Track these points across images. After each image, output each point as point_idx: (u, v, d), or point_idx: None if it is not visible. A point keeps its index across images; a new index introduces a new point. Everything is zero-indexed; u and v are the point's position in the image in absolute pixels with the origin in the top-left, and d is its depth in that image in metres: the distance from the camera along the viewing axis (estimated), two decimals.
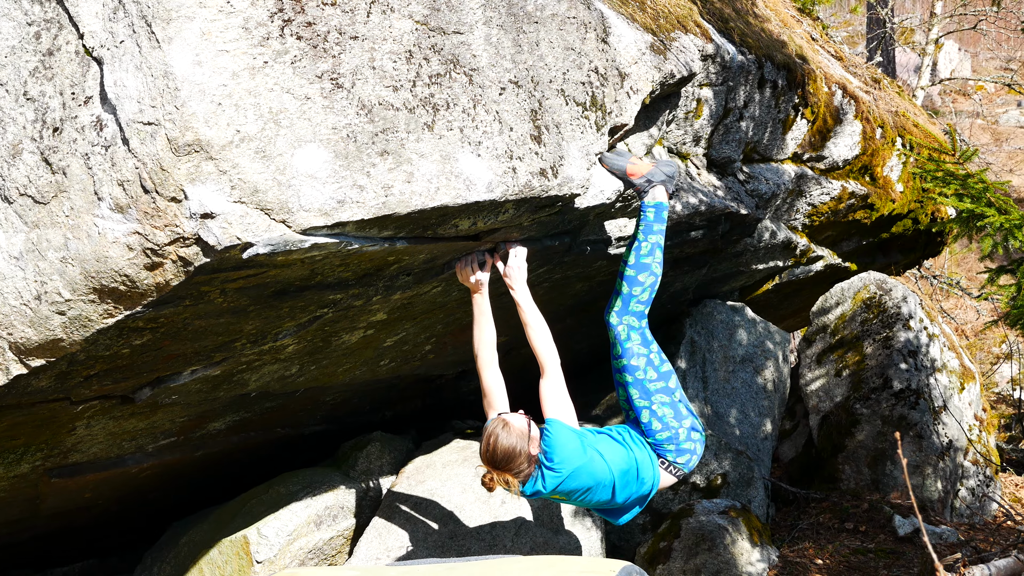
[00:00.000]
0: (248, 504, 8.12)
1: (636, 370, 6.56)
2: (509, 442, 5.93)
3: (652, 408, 6.54)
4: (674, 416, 6.56)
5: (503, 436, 5.94)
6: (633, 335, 6.60)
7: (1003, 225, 7.24)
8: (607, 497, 6.35)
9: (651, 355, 6.64)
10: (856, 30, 32.28)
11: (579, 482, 6.15)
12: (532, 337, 6.32)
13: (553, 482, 6.06)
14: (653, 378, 6.58)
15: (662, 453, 6.56)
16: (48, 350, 5.07)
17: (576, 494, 6.23)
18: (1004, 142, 29.94)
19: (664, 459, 6.57)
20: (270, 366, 6.64)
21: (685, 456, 6.61)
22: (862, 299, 10.58)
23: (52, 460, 6.80)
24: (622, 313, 6.61)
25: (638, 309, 6.63)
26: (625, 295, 6.61)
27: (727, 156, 8.52)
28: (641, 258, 6.61)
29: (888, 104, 11.14)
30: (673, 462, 6.58)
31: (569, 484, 6.12)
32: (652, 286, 6.66)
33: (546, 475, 6.05)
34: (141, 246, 4.61)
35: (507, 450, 5.92)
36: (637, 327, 6.62)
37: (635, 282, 6.61)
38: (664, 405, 6.56)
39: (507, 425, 5.98)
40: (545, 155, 5.70)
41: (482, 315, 6.31)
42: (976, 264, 22.75)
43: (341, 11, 4.89)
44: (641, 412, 6.56)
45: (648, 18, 7.07)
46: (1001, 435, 14.40)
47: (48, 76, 4.89)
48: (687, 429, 6.62)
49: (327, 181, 4.74)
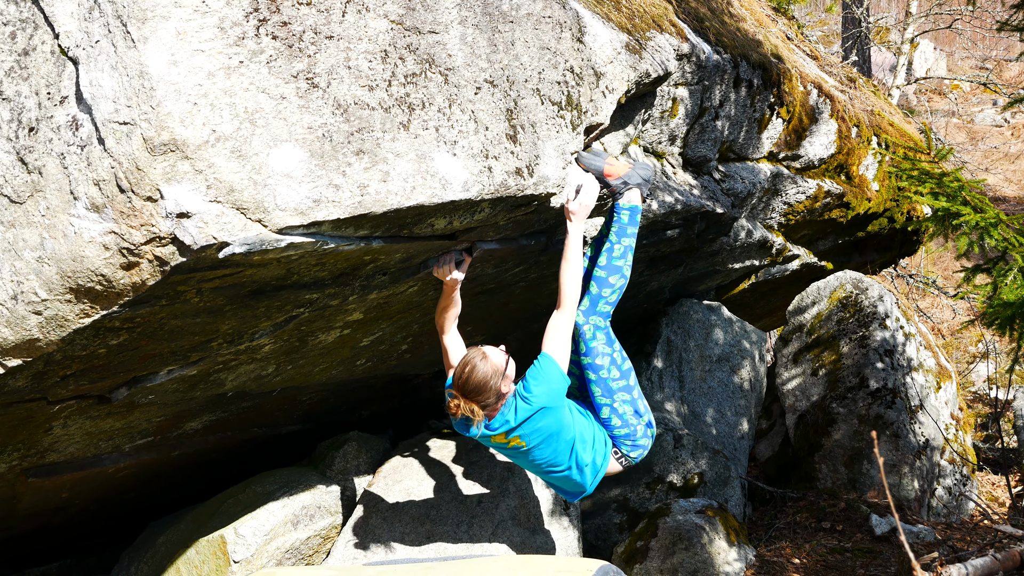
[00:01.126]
0: (225, 504, 8.11)
1: (600, 369, 6.62)
2: (484, 372, 6.01)
3: (614, 406, 6.66)
4: (634, 413, 6.70)
5: (480, 366, 6.02)
6: (599, 334, 6.64)
7: (979, 224, 7.27)
8: (561, 458, 6.45)
9: (614, 354, 6.71)
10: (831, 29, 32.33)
11: (544, 424, 6.24)
12: (566, 271, 6.34)
13: (523, 414, 6.15)
14: (616, 377, 6.66)
15: (618, 445, 6.71)
16: (25, 350, 5.07)
17: (533, 439, 6.29)
18: (980, 141, 30.04)
19: (618, 450, 6.70)
20: (246, 366, 6.64)
21: (638, 451, 6.79)
22: (838, 298, 10.61)
23: (29, 460, 6.79)
24: (589, 313, 6.64)
25: (605, 310, 6.67)
26: (594, 296, 6.64)
27: (703, 155, 8.54)
28: (613, 260, 6.63)
29: (863, 103, 11.18)
30: (626, 455, 6.74)
31: (534, 424, 6.21)
32: (621, 288, 6.70)
33: (518, 406, 6.16)
34: (117, 245, 4.61)
35: (480, 380, 6.00)
36: (603, 327, 6.67)
37: (605, 283, 6.64)
38: (625, 403, 6.66)
39: (485, 357, 6.06)
40: (521, 154, 5.71)
41: (449, 298, 6.42)
42: (952, 263, 22.82)
43: (316, 11, 4.89)
44: (601, 409, 6.66)
45: (623, 17, 7.09)
46: (978, 434, 14.43)
47: (24, 76, 4.88)
48: (644, 426, 6.76)
49: (303, 180, 4.74)
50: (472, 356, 6.07)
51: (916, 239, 12.95)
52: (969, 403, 16.59)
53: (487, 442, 6.37)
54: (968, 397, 16.93)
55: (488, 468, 8.00)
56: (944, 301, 21.65)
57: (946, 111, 31.91)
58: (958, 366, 18.75)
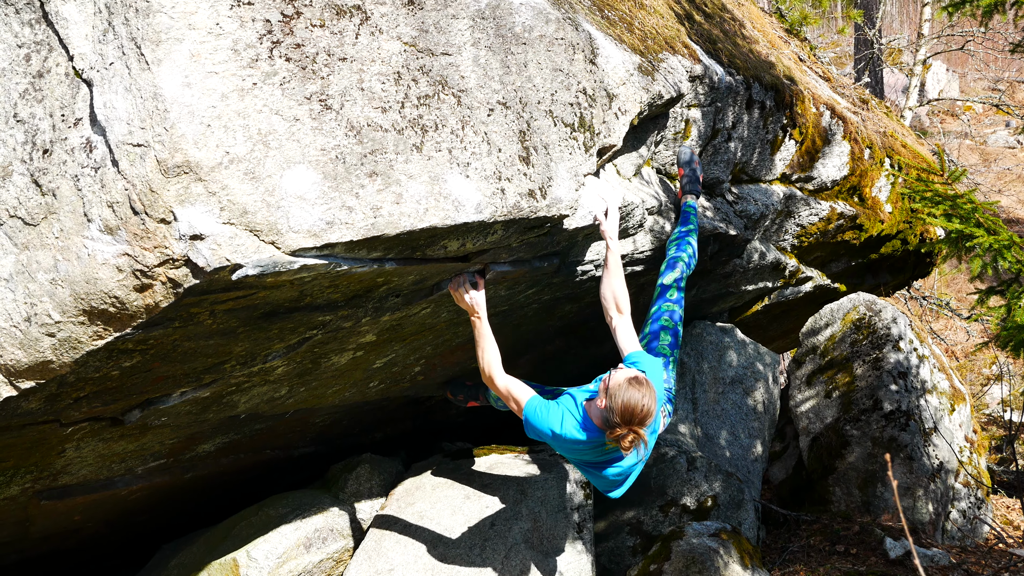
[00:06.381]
0: (237, 526, 8.09)
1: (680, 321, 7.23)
2: (646, 397, 5.85)
3: (673, 357, 7.02)
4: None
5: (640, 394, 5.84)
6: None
7: (992, 246, 7.25)
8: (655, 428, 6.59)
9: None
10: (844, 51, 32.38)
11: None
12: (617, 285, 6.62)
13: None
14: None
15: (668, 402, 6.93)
16: (38, 372, 5.06)
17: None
18: (993, 162, 30.02)
19: (664, 409, 6.86)
20: (259, 388, 6.63)
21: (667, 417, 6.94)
22: (852, 320, 10.59)
23: (42, 482, 6.78)
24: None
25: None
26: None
27: (716, 177, 8.53)
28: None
29: (876, 125, 11.17)
30: (668, 413, 6.93)
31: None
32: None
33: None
34: (131, 267, 4.61)
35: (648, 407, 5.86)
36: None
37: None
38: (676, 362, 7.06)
39: (638, 382, 5.90)
40: (534, 176, 5.71)
41: (483, 338, 6.33)
42: (966, 285, 22.80)
43: (329, 33, 4.90)
44: (668, 362, 6.97)
45: (636, 39, 7.09)
46: (992, 457, 14.41)
47: (38, 98, 4.89)
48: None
49: (316, 202, 4.73)
50: (627, 387, 5.84)
51: (929, 261, 12.93)
52: (983, 425, 16.56)
53: (620, 465, 6.36)
54: (982, 419, 16.90)
55: (501, 491, 7.98)
56: (958, 323, 21.62)
57: (959, 132, 31.91)
58: (972, 388, 18.72)
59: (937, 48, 25.12)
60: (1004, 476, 13.21)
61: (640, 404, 5.76)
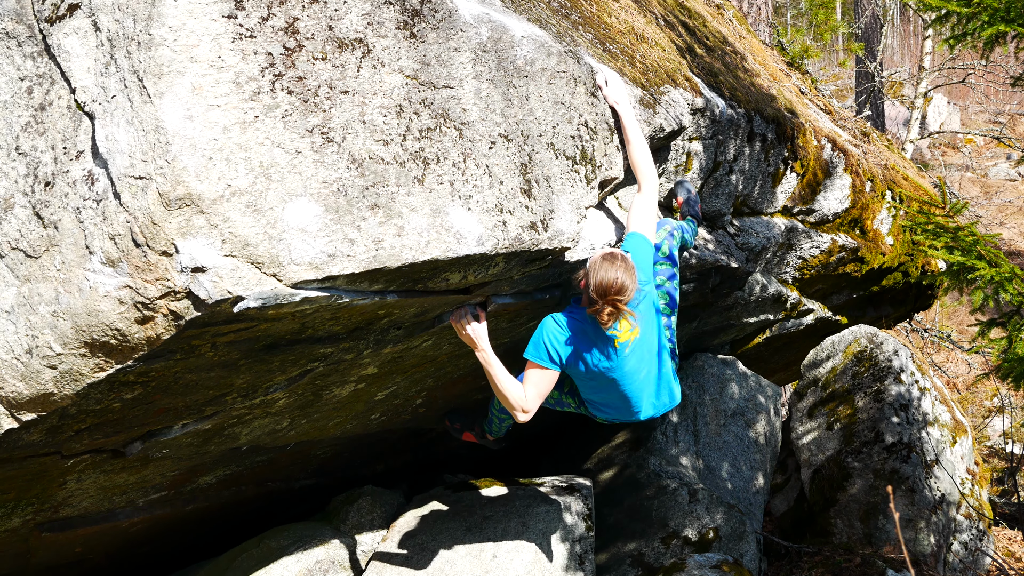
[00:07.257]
0: (239, 558, 8.09)
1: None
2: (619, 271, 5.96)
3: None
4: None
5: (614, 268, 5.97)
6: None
7: (994, 278, 7.26)
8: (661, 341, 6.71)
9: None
10: (845, 83, 32.44)
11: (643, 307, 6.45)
12: (633, 152, 6.55)
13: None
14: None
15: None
16: (39, 404, 5.06)
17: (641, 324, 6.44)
18: (994, 195, 30.06)
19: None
20: (261, 420, 6.63)
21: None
22: (853, 352, 10.59)
23: (43, 514, 6.77)
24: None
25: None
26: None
27: (717, 209, 8.54)
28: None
29: (878, 157, 11.19)
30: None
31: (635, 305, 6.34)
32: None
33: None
34: (132, 300, 4.61)
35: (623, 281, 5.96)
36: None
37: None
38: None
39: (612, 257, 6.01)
40: (535, 208, 5.71)
41: (495, 370, 6.29)
42: (967, 317, 22.80)
43: (331, 65, 4.91)
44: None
45: (637, 72, 7.10)
46: (994, 489, 14.39)
47: (40, 130, 4.90)
48: None
49: (318, 235, 4.74)
50: (601, 263, 5.96)
51: (931, 293, 12.94)
52: (985, 457, 16.54)
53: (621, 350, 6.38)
54: (984, 451, 16.88)
55: (503, 522, 7.97)
56: (959, 355, 21.60)
57: (960, 165, 31.97)
58: (973, 420, 18.69)
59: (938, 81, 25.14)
60: (1006, 508, 13.20)
61: (614, 278, 5.89)
